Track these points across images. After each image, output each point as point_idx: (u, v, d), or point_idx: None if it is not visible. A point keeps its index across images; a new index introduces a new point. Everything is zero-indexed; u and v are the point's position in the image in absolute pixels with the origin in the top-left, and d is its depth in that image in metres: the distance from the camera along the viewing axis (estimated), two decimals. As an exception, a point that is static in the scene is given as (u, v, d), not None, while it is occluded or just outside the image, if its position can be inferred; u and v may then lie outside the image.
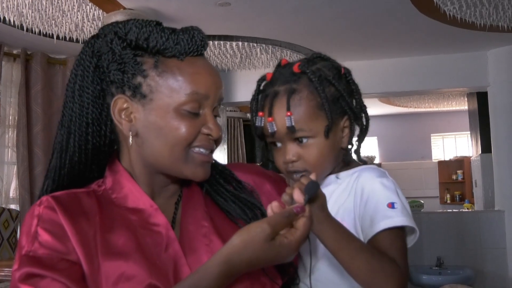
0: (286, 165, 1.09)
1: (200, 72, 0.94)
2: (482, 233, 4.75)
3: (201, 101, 0.93)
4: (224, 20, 3.79)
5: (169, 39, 0.92)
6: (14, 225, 4.09)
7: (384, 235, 0.99)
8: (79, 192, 0.96)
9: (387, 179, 1.06)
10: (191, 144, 0.93)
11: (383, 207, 1.00)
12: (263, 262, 0.84)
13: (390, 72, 4.97)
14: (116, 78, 0.93)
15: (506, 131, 4.70)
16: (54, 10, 3.43)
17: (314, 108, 1.06)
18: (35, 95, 4.41)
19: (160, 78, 0.92)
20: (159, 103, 0.92)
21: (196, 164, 0.94)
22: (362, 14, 3.78)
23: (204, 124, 0.94)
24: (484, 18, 3.73)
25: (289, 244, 0.84)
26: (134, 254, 0.88)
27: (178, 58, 0.93)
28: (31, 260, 0.85)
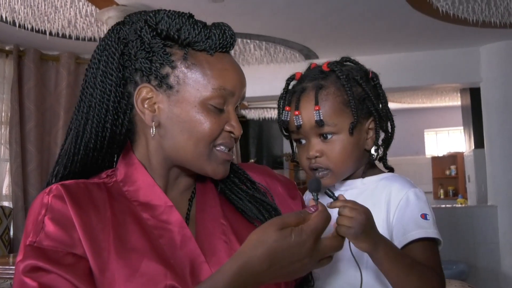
0: (309, 161, 1.10)
1: (228, 69, 0.93)
2: (475, 228, 4.78)
3: (227, 97, 0.92)
4: (217, 16, 3.78)
5: (201, 33, 0.91)
6: (7, 222, 4.07)
7: (418, 244, 1.00)
8: (89, 183, 0.93)
9: (420, 190, 1.07)
10: (215, 140, 0.92)
11: (417, 217, 1.01)
12: (280, 256, 0.79)
13: (383, 68, 4.94)
14: (143, 67, 0.91)
15: (499, 127, 4.73)
16: (46, 6, 3.42)
17: (340, 104, 1.07)
18: (28, 91, 4.39)
19: (188, 71, 0.90)
20: (185, 95, 0.90)
21: (218, 162, 0.93)
22: (355, 10, 3.79)
23: (227, 121, 0.93)
24: (476, 14, 3.74)
25: (302, 232, 0.80)
26: (148, 252, 0.86)
27: (208, 52, 0.92)
28: (36, 251, 0.83)
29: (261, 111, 8.01)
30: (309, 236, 0.80)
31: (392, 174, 1.13)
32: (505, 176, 4.68)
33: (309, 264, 0.82)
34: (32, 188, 4.35)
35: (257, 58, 4.91)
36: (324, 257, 0.83)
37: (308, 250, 0.80)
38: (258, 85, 5.19)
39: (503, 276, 4.66)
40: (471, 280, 4.51)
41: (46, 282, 0.81)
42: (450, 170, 8.78)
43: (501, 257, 4.69)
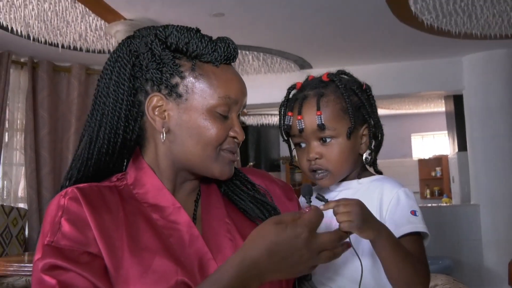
0: (309, 163, 1.11)
1: (233, 79, 0.96)
2: (459, 226, 4.78)
3: (231, 105, 0.94)
4: (218, 29, 3.79)
5: (208, 46, 0.93)
6: (22, 222, 4.07)
7: (408, 238, 1.02)
8: (102, 186, 0.93)
9: (409, 189, 1.09)
10: (221, 145, 0.94)
11: (407, 214, 1.04)
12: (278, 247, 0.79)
13: (372, 77, 4.95)
14: (154, 77, 0.92)
15: (480, 131, 4.73)
16: (59, 21, 3.42)
17: (339, 110, 1.10)
18: (42, 100, 4.39)
19: (196, 80, 0.92)
20: (193, 103, 0.92)
21: (224, 163, 0.95)
22: (346, 23, 3.80)
23: (231, 127, 0.95)
24: (459, 26, 3.75)
25: (296, 225, 0.80)
26: (160, 251, 0.86)
27: (213, 64, 0.94)
28: (54, 251, 0.82)
29: (259, 117, 8.01)
30: (303, 228, 0.80)
31: (383, 176, 1.15)
32: (487, 177, 4.68)
33: (307, 256, 0.80)
34: (46, 191, 4.35)
35: (255, 68, 4.92)
36: (324, 249, 0.82)
37: (304, 241, 0.79)
38: (257, 94, 5.19)
39: (486, 270, 4.65)
40: (455, 274, 4.51)
41: (65, 280, 0.80)
42: (435, 171, 8.78)
43: (484, 252, 4.68)
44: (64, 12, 3.28)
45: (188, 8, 3.37)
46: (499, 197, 4.58)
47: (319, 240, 0.81)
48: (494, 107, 4.63)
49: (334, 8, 3.46)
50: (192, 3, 3.29)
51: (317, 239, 0.81)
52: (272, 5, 3.37)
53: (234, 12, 3.47)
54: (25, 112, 4.33)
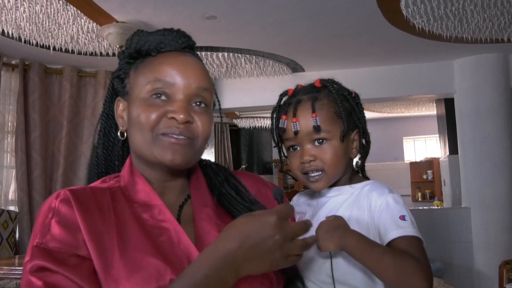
0: (303, 166, 1.12)
1: (166, 62, 0.95)
2: (450, 228, 4.80)
3: (165, 87, 0.94)
4: (210, 32, 3.79)
5: (140, 40, 0.98)
6: (13, 225, 4.04)
7: (400, 242, 1.03)
8: (95, 188, 0.95)
9: (397, 195, 1.10)
10: (156, 128, 0.93)
11: (396, 219, 1.05)
12: (248, 233, 0.80)
13: (364, 80, 5.01)
14: (116, 85, 1.01)
15: (471, 134, 4.76)
16: (50, 23, 3.41)
17: (333, 114, 1.12)
18: (33, 103, 4.36)
19: (134, 75, 0.98)
20: (133, 96, 0.96)
21: (164, 147, 0.92)
22: (338, 27, 3.81)
23: (169, 109, 0.93)
24: (450, 30, 3.78)
25: (265, 213, 0.82)
26: (149, 250, 0.87)
27: (150, 55, 0.98)
28: (43, 252, 0.83)
29: (251, 120, 8.01)
30: (272, 215, 0.81)
31: (374, 182, 1.16)
32: (477, 180, 4.70)
33: (280, 242, 0.80)
34: (37, 193, 4.32)
35: (247, 71, 4.92)
36: (296, 237, 0.82)
37: (274, 227, 0.80)
38: (249, 96, 5.20)
39: (476, 273, 4.68)
40: (446, 277, 4.53)
41: (51, 282, 0.81)
42: (427, 174, 8.82)
43: (474, 255, 4.71)
44: (56, 15, 3.27)
45: (180, 11, 3.36)
46: (490, 200, 4.61)
47: (290, 226, 0.82)
48: (485, 111, 4.66)
49: (326, 11, 3.47)
50: (184, 6, 3.29)
51: (288, 225, 0.81)
52: (264, 8, 3.37)
53: (227, 15, 3.48)
54: (16, 114, 4.29)
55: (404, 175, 9.03)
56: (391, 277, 0.99)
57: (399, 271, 0.98)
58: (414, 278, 0.98)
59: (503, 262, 2.93)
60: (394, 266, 0.98)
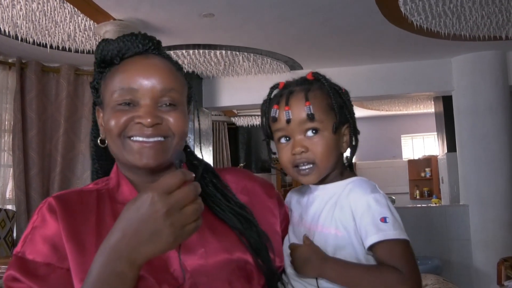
0: (294, 157, 1.09)
1: (128, 69, 0.96)
2: (448, 226, 4.81)
3: (131, 94, 0.94)
4: (208, 30, 3.78)
5: (103, 50, 0.99)
6: (10, 224, 4.03)
7: (380, 246, 0.99)
8: (83, 191, 0.99)
9: (379, 194, 1.06)
10: (123, 133, 0.94)
11: (377, 222, 1.01)
12: (129, 217, 0.75)
13: (363, 78, 5.01)
14: (93, 95, 1.04)
15: (469, 132, 4.76)
16: (47, 21, 3.39)
17: (326, 105, 1.10)
18: (30, 101, 4.35)
19: (104, 85, 0.99)
20: (104, 105, 0.99)
21: (133, 151, 0.94)
22: (336, 24, 3.81)
23: (136, 114, 0.94)
24: (448, 28, 3.78)
25: (143, 192, 0.75)
26: None
27: (115, 64, 0.98)
28: (18, 261, 0.87)
29: (249, 118, 8.01)
30: (149, 191, 0.74)
31: (358, 179, 1.11)
32: (476, 178, 4.71)
33: (165, 216, 0.73)
34: (34, 192, 4.31)
35: (245, 69, 4.91)
36: (186, 204, 0.75)
37: (153, 205, 0.73)
38: (247, 94, 5.20)
39: (475, 270, 4.68)
40: (445, 274, 4.53)
41: None
42: (425, 172, 8.83)
43: (473, 252, 4.71)
44: (53, 12, 3.25)
45: (178, 8, 3.36)
46: (488, 198, 4.62)
47: (174, 196, 0.74)
48: (483, 108, 4.66)
49: (324, 9, 3.46)
50: (182, 4, 3.28)
51: (171, 196, 0.74)
52: (262, 6, 3.37)
53: (224, 13, 3.47)
54: (13, 113, 4.28)
55: (402, 173, 9.04)
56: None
57: (386, 284, 0.95)
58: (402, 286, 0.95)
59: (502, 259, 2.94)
60: (373, 285, 0.96)
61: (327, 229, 1.05)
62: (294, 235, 1.13)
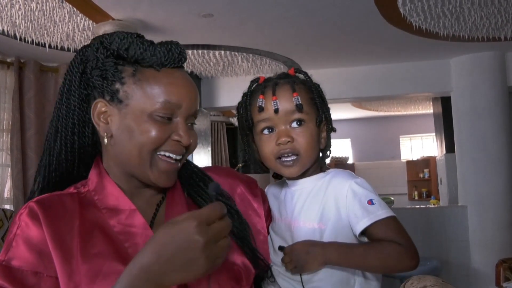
0: (279, 148, 1.09)
1: (175, 83, 0.93)
2: (447, 227, 4.81)
3: (174, 109, 0.92)
4: (207, 30, 3.78)
5: (147, 50, 0.93)
6: (8, 224, 4.02)
7: (373, 227, 1.02)
8: (63, 194, 0.95)
9: (360, 179, 1.09)
10: (159, 148, 0.92)
11: (365, 205, 1.04)
12: (166, 243, 0.75)
13: (361, 78, 5.01)
14: (97, 83, 0.94)
15: (468, 133, 4.77)
16: (46, 20, 3.39)
17: (309, 99, 1.11)
18: (28, 101, 4.34)
19: (136, 86, 0.92)
20: (133, 108, 0.92)
21: (160, 171, 0.93)
22: (335, 25, 3.81)
23: (175, 131, 0.93)
24: (447, 29, 3.78)
25: (183, 219, 0.75)
26: (111, 255, 0.86)
27: (154, 68, 0.93)
28: (4, 270, 0.84)
29: (248, 118, 7.98)
30: (190, 221, 0.74)
31: (335, 170, 1.14)
32: (474, 179, 4.71)
33: (202, 248, 0.73)
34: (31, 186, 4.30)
35: (244, 69, 4.91)
36: (221, 238, 0.76)
37: (194, 234, 0.73)
38: (246, 95, 5.19)
39: (473, 271, 4.69)
40: (443, 275, 4.53)
41: None
42: (423, 173, 8.84)
43: (471, 253, 4.72)
44: (52, 12, 3.25)
45: (177, 8, 3.35)
46: (486, 199, 4.62)
47: (213, 229, 0.75)
48: (482, 109, 4.67)
49: (323, 9, 3.46)
50: (181, 4, 3.27)
51: (210, 228, 0.75)
52: (261, 7, 3.37)
53: (223, 13, 3.47)
54: (11, 112, 4.27)
55: (400, 173, 9.04)
56: (379, 269, 1.03)
57: (385, 261, 1.00)
58: (401, 262, 1.01)
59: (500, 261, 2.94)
60: (379, 259, 1.00)
61: (310, 223, 1.07)
62: (273, 231, 1.13)
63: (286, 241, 1.08)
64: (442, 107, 5.89)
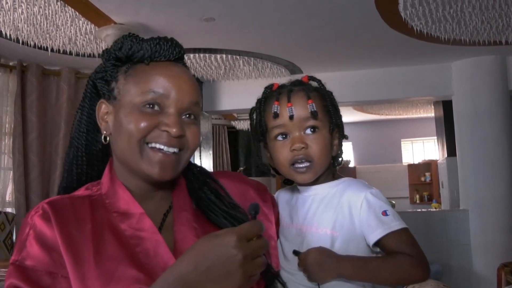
0: (293, 154, 1.10)
1: (161, 74, 0.94)
2: (448, 231, 4.80)
3: (159, 99, 0.92)
4: (209, 34, 3.79)
5: (135, 46, 0.95)
6: (10, 227, 4.02)
7: (387, 239, 1.04)
8: (74, 197, 0.95)
9: (375, 190, 1.10)
10: (145, 138, 0.92)
11: (379, 216, 1.05)
12: (205, 254, 0.76)
13: (363, 82, 5.01)
14: (100, 86, 0.99)
15: (469, 136, 4.76)
16: (48, 24, 3.40)
17: (323, 106, 1.13)
18: (31, 104, 4.35)
19: (126, 81, 0.95)
20: (123, 102, 0.94)
21: (152, 162, 0.92)
22: (336, 29, 3.82)
23: (163, 121, 0.92)
24: (448, 33, 3.78)
25: (225, 232, 0.77)
26: (124, 259, 0.87)
27: (143, 63, 0.95)
28: (18, 270, 0.84)
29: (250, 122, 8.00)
30: (232, 236, 0.75)
31: (349, 178, 1.15)
32: (476, 182, 4.71)
33: (239, 264, 0.74)
34: (34, 195, 4.31)
35: (246, 73, 4.92)
36: (258, 255, 0.77)
37: (234, 248, 0.74)
38: (247, 98, 5.18)
39: (475, 275, 4.67)
40: (445, 279, 4.52)
41: None
42: (425, 176, 8.82)
43: (473, 257, 4.71)
44: (54, 16, 3.26)
45: (179, 12, 3.36)
46: (488, 202, 4.61)
47: (252, 245, 0.76)
48: (483, 113, 4.67)
49: (325, 13, 3.47)
50: (183, 8, 3.28)
51: (249, 244, 0.76)
52: (262, 10, 3.37)
53: (225, 17, 3.47)
54: (13, 116, 4.28)
55: (402, 177, 9.03)
56: (392, 283, 1.03)
57: (397, 274, 1.01)
58: (413, 274, 1.02)
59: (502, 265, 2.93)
60: (391, 273, 1.01)
61: (322, 229, 1.07)
62: (284, 236, 1.13)
63: (297, 246, 1.08)
64: (444, 111, 5.88)
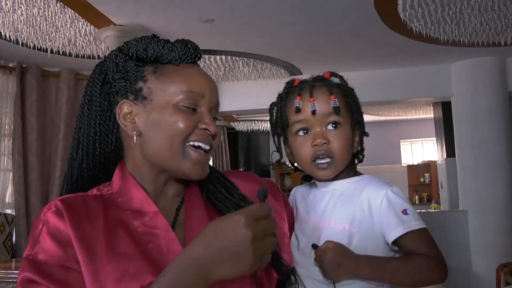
0: (315, 149, 1.10)
1: (195, 74, 0.97)
2: (447, 231, 4.80)
3: (197, 99, 0.95)
4: (208, 35, 3.79)
5: (164, 47, 0.97)
6: (9, 229, 4.02)
7: (406, 238, 1.03)
8: (87, 196, 0.96)
9: (396, 188, 1.09)
10: (188, 137, 0.94)
11: (399, 214, 1.04)
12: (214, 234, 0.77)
13: (362, 83, 4.99)
14: (120, 86, 0.97)
15: (468, 137, 4.77)
16: (48, 26, 3.40)
17: (345, 102, 1.12)
18: (30, 105, 4.35)
19: (158, 81, 0.95)
20: (158, 102, 0.94)
21: (193, 161, 0.94)
22: (336, 30, 3.82)
23: (200, 120, 0.95)
24: (447, 34, 3.79)
25: (233, 213, 0.78)
26: (137, 256, 0.88)
27: (173, 63, 0.97)
28: (31, 264, 0.85)
29: (249, 123, 8.01)
30: (240, 215, 0.76)
31: (369, 176, 1.14)
32: (475, 183, 4.71)
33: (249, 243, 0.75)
34: (34, 196, 4.30)
35: (245, 74, 4.92)
36: (268, 235, 0.78)
37: (242, 228, 0.75)
38: (247, 99, 5.20)
39: (474, 275, 4.68)
40: (444, 279, 4.52)
41: None
42: (424, 177, 8.83)
43: (472, 257, 4.71)
44: (53, 17, 3.26)
45: (178, 14, 3.37)
46: (487, 203, 4.61)
47: (261, 224, 0.77)
48: (482, 114, 4.67)
49: (324, 15, 3.47)
50: (183, 9, 3.29)
51: (258, 223, 0.76)
52: (262, 12, 3.38)
53: (225, 19, 3.48)
54: (13, 117, 4.29)
55: (401, 178, 9.03)
56: (410, 284, 1.02)
57: (416, 276, 1.01)
58: (431, 276, 1.01)
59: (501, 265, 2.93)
60: (410, 274, 1.00)
61: (340, 224, 1.06)
62: (300, 231, 1.13)
63: (314, 241, 1.07)
64: (443, 112, 5.88)
